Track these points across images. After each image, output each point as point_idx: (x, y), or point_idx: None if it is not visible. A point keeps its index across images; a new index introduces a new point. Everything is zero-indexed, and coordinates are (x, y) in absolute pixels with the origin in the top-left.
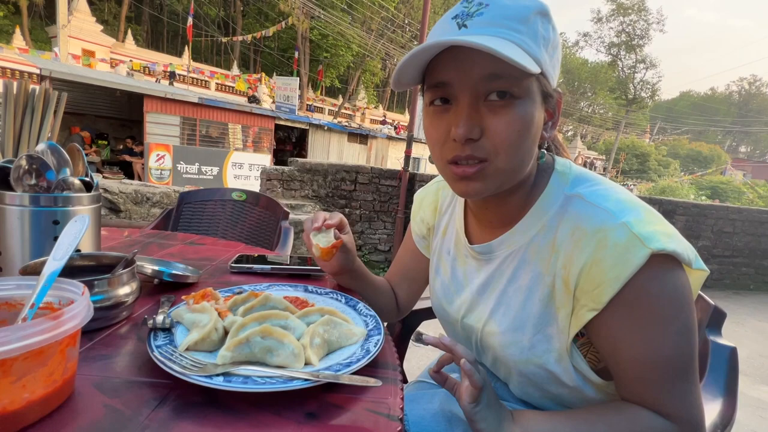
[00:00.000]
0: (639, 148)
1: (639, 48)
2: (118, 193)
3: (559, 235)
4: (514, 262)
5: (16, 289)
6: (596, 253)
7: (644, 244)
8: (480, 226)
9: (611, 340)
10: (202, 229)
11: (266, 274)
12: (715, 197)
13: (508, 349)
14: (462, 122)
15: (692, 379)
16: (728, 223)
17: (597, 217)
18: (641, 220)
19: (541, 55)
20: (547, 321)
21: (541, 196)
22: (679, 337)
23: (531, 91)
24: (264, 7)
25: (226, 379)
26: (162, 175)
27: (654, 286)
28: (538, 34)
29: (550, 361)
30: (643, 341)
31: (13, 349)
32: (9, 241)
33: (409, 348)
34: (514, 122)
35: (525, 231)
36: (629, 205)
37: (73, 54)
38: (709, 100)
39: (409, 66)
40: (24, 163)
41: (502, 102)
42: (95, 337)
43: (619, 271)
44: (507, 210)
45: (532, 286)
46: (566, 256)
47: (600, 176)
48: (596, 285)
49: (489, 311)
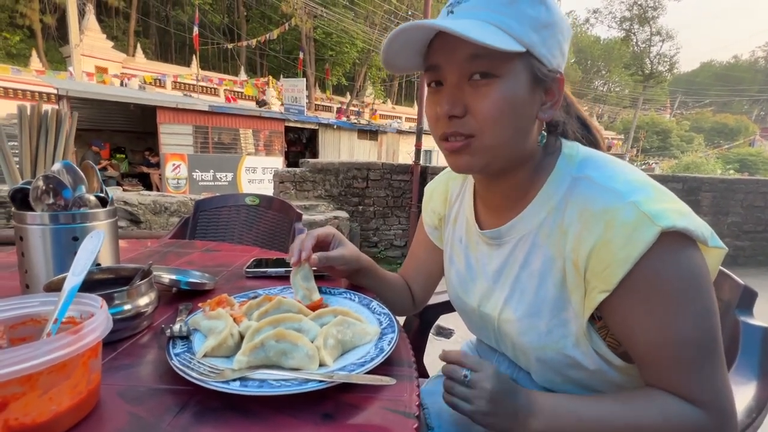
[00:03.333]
0: (659, 124)
1: (653, 20)
2: (137, 204)
3: (567, 217)
4: (525, 246)
5: (40, 306)
6: (605, 233)
7: (653, 221)
8: (488, 210)
9: (626, 324)
10: (218, 235)
11: (280, 276)
12: (744, 170)
13: (525, 336)
14: (445, 100)
15: (717, 363)
16: (759, 196)
17: (604, 197)
18: (650, 198)
19: (526, 35)
20: (562, 305)
21: (548, 179)
22: (697, 318)
23: (514, 70)
24: (267, 10)
25: (243, 383)
26: (179, 184)
27: (666, 266)
28: (524, 14)
29: (567, 345)
30: (659, 324)
31: (38, 364)
32: (33, 259)
33: (430, 341)
34: (496, 100)
35: (534, 215)
36: (638, 184)
37: (87, 72)
38: (733, 68)
39: (395, 48)
40: (41, 183)
41: (484, 81)
42: (118, 348)
43: (628, 251)
44: (512, 192)
45: (544, 271)
46: (575, 239)
47: (610, 157)
48: (606, 266)
49: (504, 298)
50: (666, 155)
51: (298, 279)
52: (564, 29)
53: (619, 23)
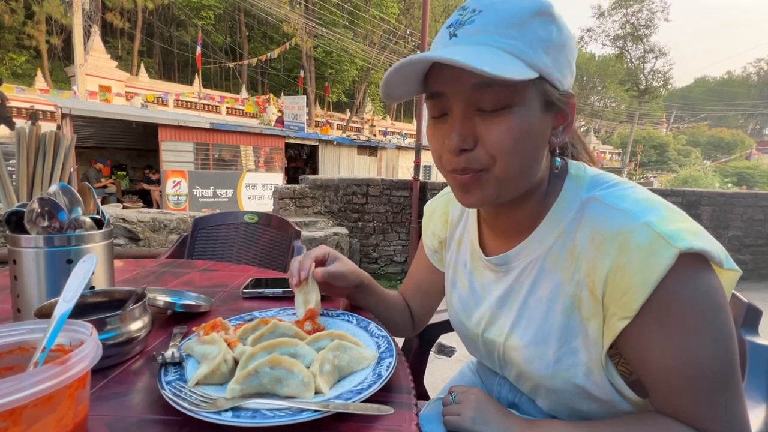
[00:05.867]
0: (656, 138)
1: (645, 38)
2: (136, 222)
3: (578, 242)
4: (533, 272)
5: (29, 333)
6: (620, 257)
7: (670, 243)
8: (495, 236)
9: (641, 349)
10: (216, 253)
11: (278, 297)
12: (742, 184)
13: (532, 364)
14: (454, 133)
15: (733, 390)
16: (759, 210)
17: (616, 219)
18: (663, 218)
19: (538, 58)
20: (571, 333)
21: (556, 202)
22: (715, 344)
23: (526, 97)
24: (268, 30)
25: (235, 414)
26: (179, 201)
27: (685, 290)
28: (535, 36)
29: (578, 374)
30: (677, 350)
31: (22, 397)
32: (26, 283)
33: (431, 360)
34: (508, 131)
35: (542, 239)
36: (649, 204)
37: (90, 91)
38: (726, 84)
39: (397, 80)
40: (36, 206)
41: (495, 111)
42: (109, 375)
43: (646, 275)
44: (520, 218)
45: (552, 297)
46: (589, 264)
47: (617, 177)
48: (624, 292)
49: (510, 324)
50: (664, 169)
51: (300, 298)
52: (572, 47)
53: (613, 41)
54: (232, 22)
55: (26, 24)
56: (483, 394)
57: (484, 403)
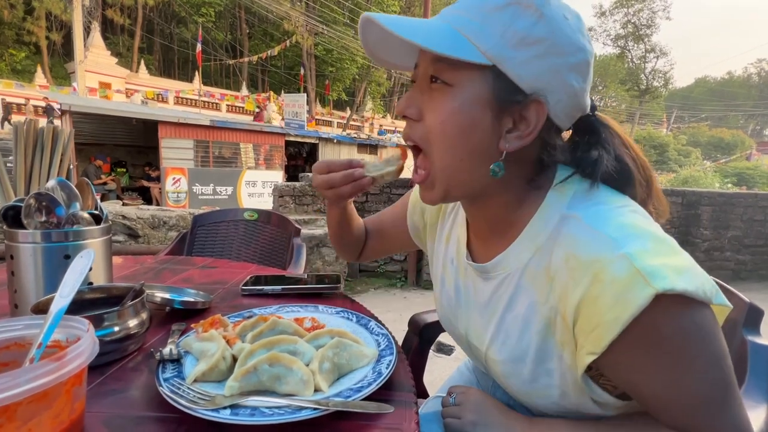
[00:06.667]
0: (656, 138)
1: (647, 38)
2: (135, 219)
3: (554, 261)
4: (510, 287)
5: (25, 329)
6: (592, 288)
7: (648, 282)
8: (478, 239)
9: (627, 379)
10: (216, 250)
11: (277, 294)
12: (741, 184)
13: (509, 380)
14: (403, 98)
15: (731, 404)
16: (759, 210)
17: (593, 244)
18: (646, 250)
19: (500, 49)
20: (546, 356)
21: (535, 214)
22: (708, 371)
23: (468, 83)
24: (269, 27)
25: (234, 411)
26: (179, 198)
27: (665, 326)
28: (502, 25)
29: (553, 395)
30: (667, 382)
31: (16, 394)
32: (23, 279)
33: (430, 358)
34: (442, 111)
35: (518, 254)
36: (633, 231)
37: (90, 87)
38: (727, 84)
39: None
40: (33, 201)
41: (438, 86)
42: (106, 371)
43: (618, 312)
44: (495, 224)
45: (529, 316)
46: (562, 288)
47: (609, 193)
48: (594, 326)
49: (489, 337)
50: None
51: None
52: (566, 53)
53: (614, 41)
54: (233, 19)
55: (26, 20)
56: (482, 394)
57: (484, 404)
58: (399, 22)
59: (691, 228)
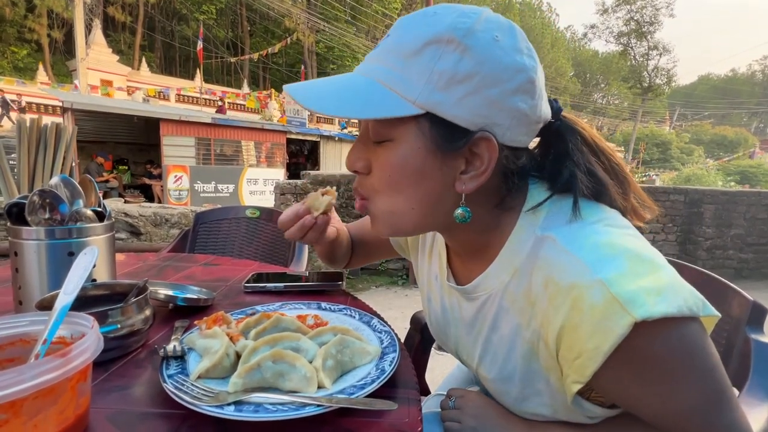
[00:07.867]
0: (659, 136)
1: (650, 35)
2: (138, 216)
3: (534, 285)
4: (493, 307)
5: (30, 325)
6: (572, 315)
7: (626, 310)
8: (458, 259)
9: (617, 397)
10: (218, 248)
11: (280, 292)
12: (744, 182)
13: (500, 397)
14: (350, 152)
15: (726, 410)
16: (762, 209)
17: (570, 268)
18: (622, 274)
19: (425, 94)
20: (534, 378)
21: (510, 236)
22: (701, 383)
23: (406, 134)
24: (270, 25)
25: (238, 407)
26: (180, 196)
27: (648, 349)
28: (425, 68)
29: (545, 413)
30: (655, 397)
31: (22, 389)
32: (27, 275)
33: (432, 356)
34: (385, 165)
35: (497, 275)
36: (609, 253)
37: (92, 85)
38: (731, 82)
39: None
40: (36, 198)
41: (377, 143)
42: (110, 368)
43: (599, 341)
44: (469, 246)
45: (513, 338)
46: (543, 314)
47: (582, 207)
48: (577, 355)
49: (478, 356)
50: (666, 167)
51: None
52: (508, 78)
53: (617, 38)
54: (234, 16)
55: (27, 17)
56: (482, 398)
57: (484, 408)
58: (313, 92)
59: (694, 226)
